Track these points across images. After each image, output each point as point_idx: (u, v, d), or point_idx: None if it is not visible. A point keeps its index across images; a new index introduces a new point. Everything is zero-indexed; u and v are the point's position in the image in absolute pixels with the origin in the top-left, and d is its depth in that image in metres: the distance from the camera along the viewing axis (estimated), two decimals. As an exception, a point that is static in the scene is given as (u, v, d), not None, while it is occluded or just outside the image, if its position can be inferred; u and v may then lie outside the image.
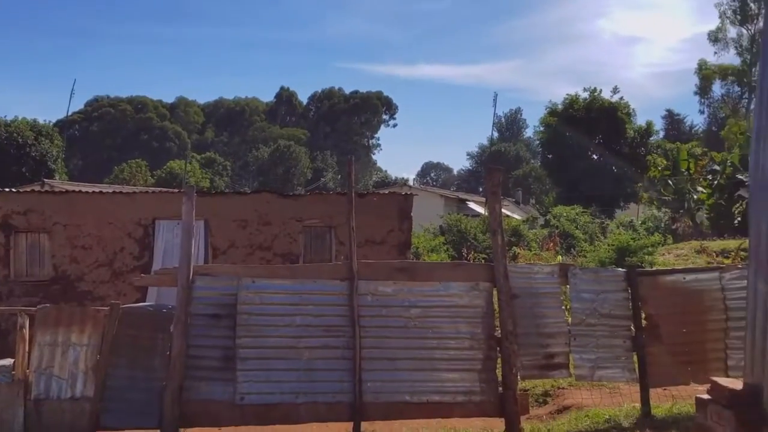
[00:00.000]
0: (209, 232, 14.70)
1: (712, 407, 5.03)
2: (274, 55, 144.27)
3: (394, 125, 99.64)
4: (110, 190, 17.37)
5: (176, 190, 17.90)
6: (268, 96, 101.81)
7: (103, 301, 11.85)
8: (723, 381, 5.08)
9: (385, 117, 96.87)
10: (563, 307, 8.04)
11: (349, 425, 7.44)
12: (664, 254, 20.31)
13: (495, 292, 7.81)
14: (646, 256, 18.26)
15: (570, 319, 7.93)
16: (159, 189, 24.51)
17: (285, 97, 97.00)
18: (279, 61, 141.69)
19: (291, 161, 77.19)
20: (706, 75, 61.90)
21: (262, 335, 7.50)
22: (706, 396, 5.17)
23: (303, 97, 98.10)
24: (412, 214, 15.55)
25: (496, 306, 7.82)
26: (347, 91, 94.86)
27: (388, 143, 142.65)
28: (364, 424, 7.47)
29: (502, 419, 7.47)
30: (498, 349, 7.63)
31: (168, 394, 7.15)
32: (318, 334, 7.57)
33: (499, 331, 7.68)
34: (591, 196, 38.96)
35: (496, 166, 8.46)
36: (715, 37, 59.42)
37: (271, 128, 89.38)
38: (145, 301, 12.18)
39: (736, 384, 5.02)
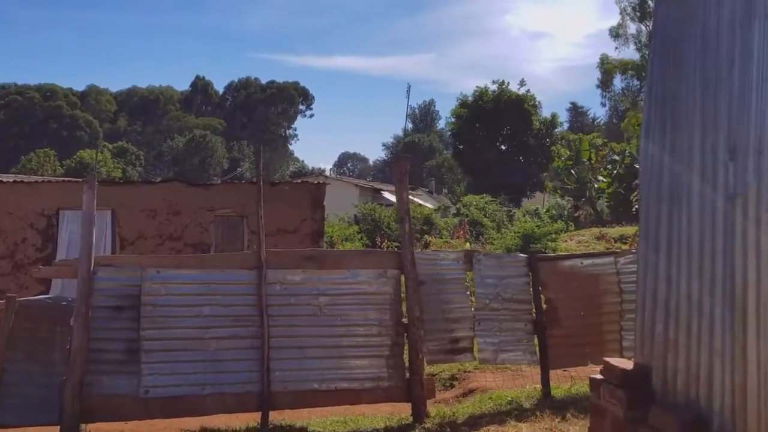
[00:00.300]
0: (116, 223, 14.27)
1: (605, 387, 5.28)
2: (188, 44, 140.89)
3: (311, 115, 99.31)
4: (11, 180, 16.54)
5: (81, 180, 17.23)
6: (183, 85, 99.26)
7: (3, 295, 11.31)
8: (615, 361, 5.35)
9: (302, 107, 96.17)
10: (468, 293, 8.25)
11: (258, 415, 7.41)
12: (566, 240, 21.10)
13: (403, 279, 7.93)
14: (550, 243, 18.93)
15: (474, 304, 8.15)
16: (63, 178, 23.51)
17: (200, 86, 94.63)
18: (194, 50, 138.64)
19: (207, 151, 75.63)
20: (607, 69, 64.31)
21: (167, 327, 7.34)
22: (599, 376, 5.42)
23: (219, 87, 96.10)
24: (326, 203, 15.57)
25: (403, 292, 7.94)
26: (264, 81, 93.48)
27: (306, 133, 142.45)
28: (272, 414, 7.45)
29: (410, 404, 7.61)
30: (405, 334, 7.76)
31: (68, 389, 6.89)
32: (226, 324, 7.47)
33: (407, 317, 7.81)
34: (500, 186, 39.96)
35: (404, 155, 8.59)
36: (616, 33, 61.71)
37: (186, 118, 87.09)
38: (48, 294, 11.69)
39: (628, 364, 5.29)
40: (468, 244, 20.50)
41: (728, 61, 4.77)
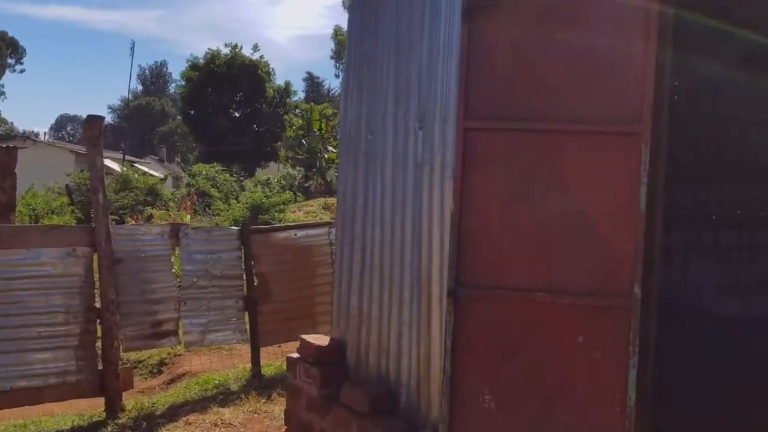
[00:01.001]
0: None
1: (300, 365, 5.04)
2: None
3: (22, 71, 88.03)
4: None
5: None
6: None
7: None
8: (311, 338, 5.12)
9: (10, 61, 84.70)
10: (174, 270, 7.59)
11: None
12: (295, 211, 21.06)
13: (97, 258, 7.03)
14: (278, 214, 18.73)
15: (181, 282, 7.51)
16: None
17: None
18: None
19: None
20: (341, 41, 65.91)
21: None
22: (296, 354, 5.17)
23: None
24: (35, 171, 13.68)
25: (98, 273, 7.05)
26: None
27: (16, 91, 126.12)
28: (-77, 427, 6.18)
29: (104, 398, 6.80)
30: (98, 320, 6.90)
31: None
32: None
33: (100, 301, 6.95)
34: (233, 154, 39.06)
35: (97, 115, 7.57)
36: (348, 5, 63.37)
37: None
38: None
39: (324, 340, 5.09)
40: (188, 217, 19.50)
41: (419, 29, 4.69)
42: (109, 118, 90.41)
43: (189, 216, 19.68)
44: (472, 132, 3.39)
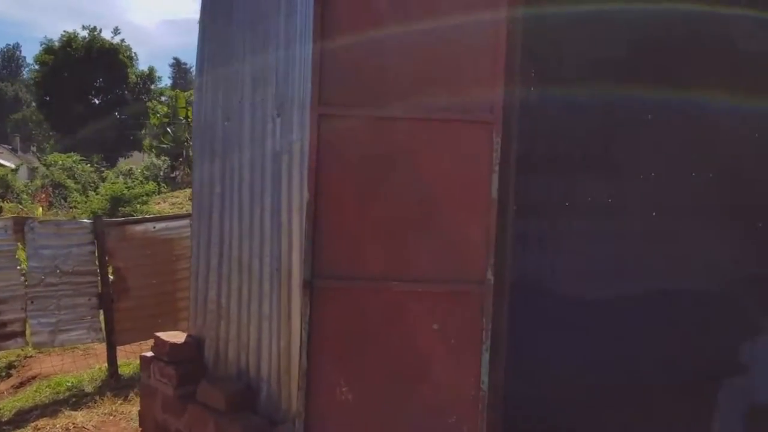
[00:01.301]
0: None
1: (155, 364, 4.80)
2: None
3: None
4: None
5: None
6: None
7: None
8: (165, 336, 4.87)
9: None
10: (20, 267, 7.03)
11: None
12: (159, 203, 20.18)
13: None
14: (140, 206, 17.86)
15: (27, 280, 6.98)
16: None
17: None
18: None
19: None
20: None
21: None
22: (150, 353, 4.92)
23: None
24: None
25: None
26: None
27: None
28: None
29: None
30: (-69, 325, 6.29)
31: None
32: None
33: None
34: (93, 143, 36.92)
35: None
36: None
37: None
38: None
39: (179, 338, 4.86)
40: (40, 210, 18.23)
41: (275, 10, 4.54)
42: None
43: (41, 209, 18.38)
44: (327, 118, 3.29)
